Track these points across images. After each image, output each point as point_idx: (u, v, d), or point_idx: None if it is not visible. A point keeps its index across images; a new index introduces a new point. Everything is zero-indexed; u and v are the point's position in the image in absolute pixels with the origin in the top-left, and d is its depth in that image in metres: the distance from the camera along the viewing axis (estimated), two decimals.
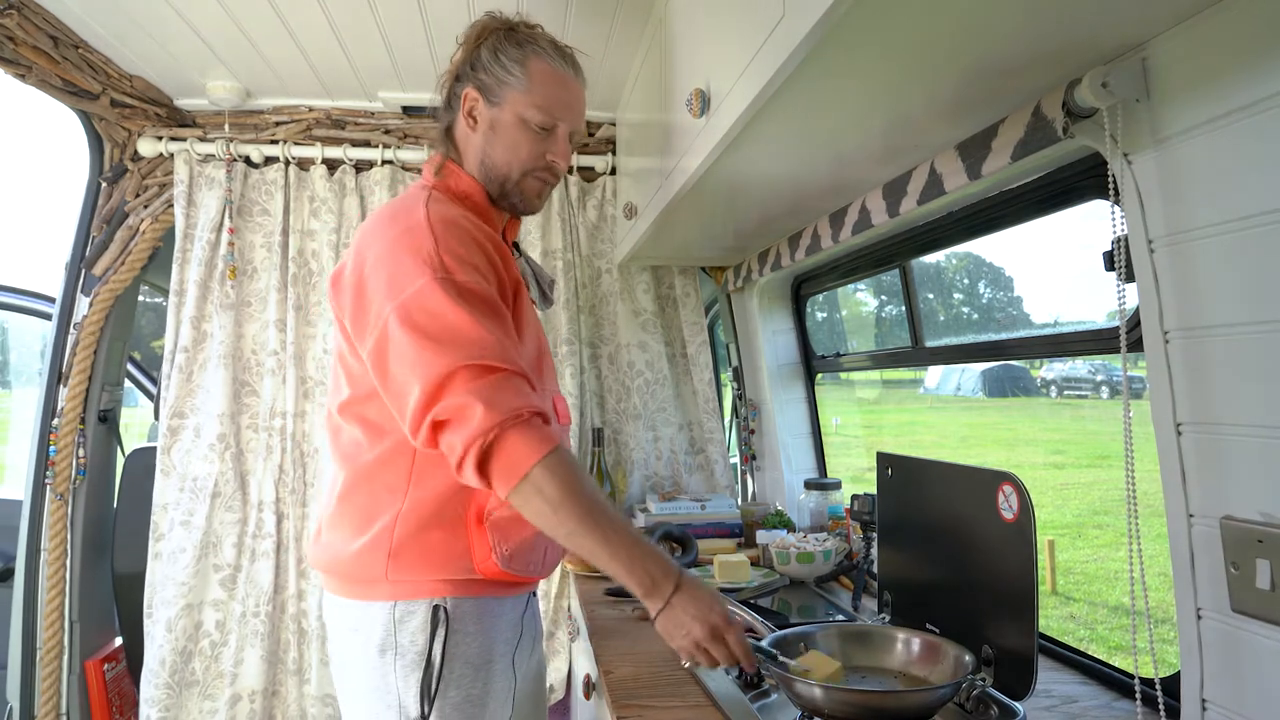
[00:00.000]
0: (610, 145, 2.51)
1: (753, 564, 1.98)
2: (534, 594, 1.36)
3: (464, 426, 1.01)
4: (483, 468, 1.02)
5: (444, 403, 1.01)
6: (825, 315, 3.52)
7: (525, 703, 1.31)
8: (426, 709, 1.13)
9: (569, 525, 1.03)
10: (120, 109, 2.20)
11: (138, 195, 2.32)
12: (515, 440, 1.01)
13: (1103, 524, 7.45)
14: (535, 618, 1.36)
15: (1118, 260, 0.97)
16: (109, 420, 2.37)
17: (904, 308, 1.95)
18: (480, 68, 1.25)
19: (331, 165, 2.40)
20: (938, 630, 1.30)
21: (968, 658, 1.11)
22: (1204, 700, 0.91)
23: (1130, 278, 0.97)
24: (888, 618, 1.49)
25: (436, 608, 1.15)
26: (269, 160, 2.38)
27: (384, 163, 2.38)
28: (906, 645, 1.22)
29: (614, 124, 2.48)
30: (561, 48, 1.28)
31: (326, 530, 1.23)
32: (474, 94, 1.25)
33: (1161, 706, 0.93)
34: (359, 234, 1.19)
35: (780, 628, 1.26)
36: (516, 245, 1.38)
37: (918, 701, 1.06)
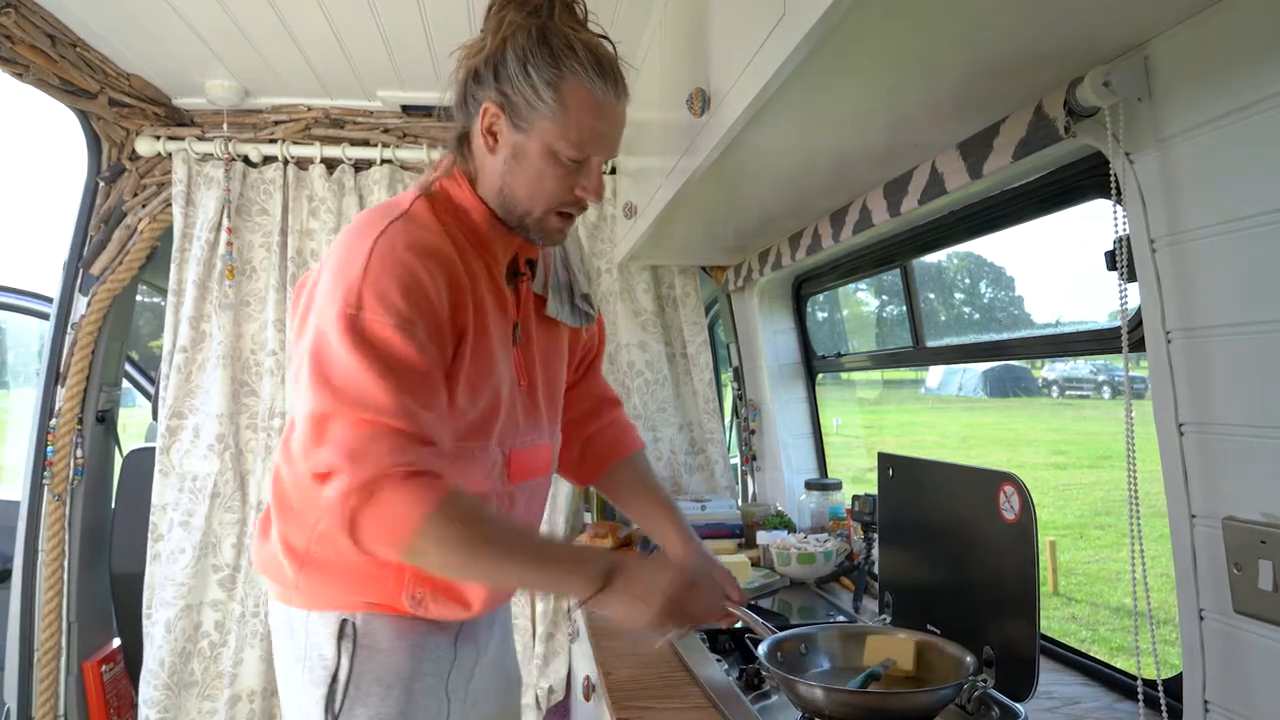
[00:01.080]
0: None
1: (753, 565, 1.97)
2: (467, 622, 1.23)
3: (336, 484, 0.93)
4: (353, 534, 0.94)
5: (317, 453, 0.94)
6: (826, 315, 3.51)
7: None
8: None
9: (484, 568, 0.97)
10: (118, 108, 2.19)
11: (136, 195, 2.32)
12: (389, 501, 0.92)
13: (1104, 525, 7.44)
14: (481, 637, 1.24)
15: (1119, 260, 0.97)
16: (107, 420, 2.36)
17: (905, 307, 1.94)
18: (505, 79, 1.05)
19: (330, 165, 2.39)
20: (939, 631, 1.29)
21: (968, 659, 1.11)
22: (1206, 701, 0.90)
23: (1132, 277, 0.96)
24: (889, 618, 1.48)
25: (344, 622, 1.10)
26: (267, 160, 2.37)
27: (383, 162, 2.38)
28: (905, 645, 1.20)
29: None
30: (604, 61, 1.07)
31: (259, 527, 1.22)
32: (496, 110, 1.06)
33: (1164, 708, 0.93)
34: (335, 239, 1.11)
35: (780, 629, 1.25)
36: (531, 264, 1.21)
37: (919, 702, 1.06)
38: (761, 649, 1.18)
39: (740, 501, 2.63)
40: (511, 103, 1.05)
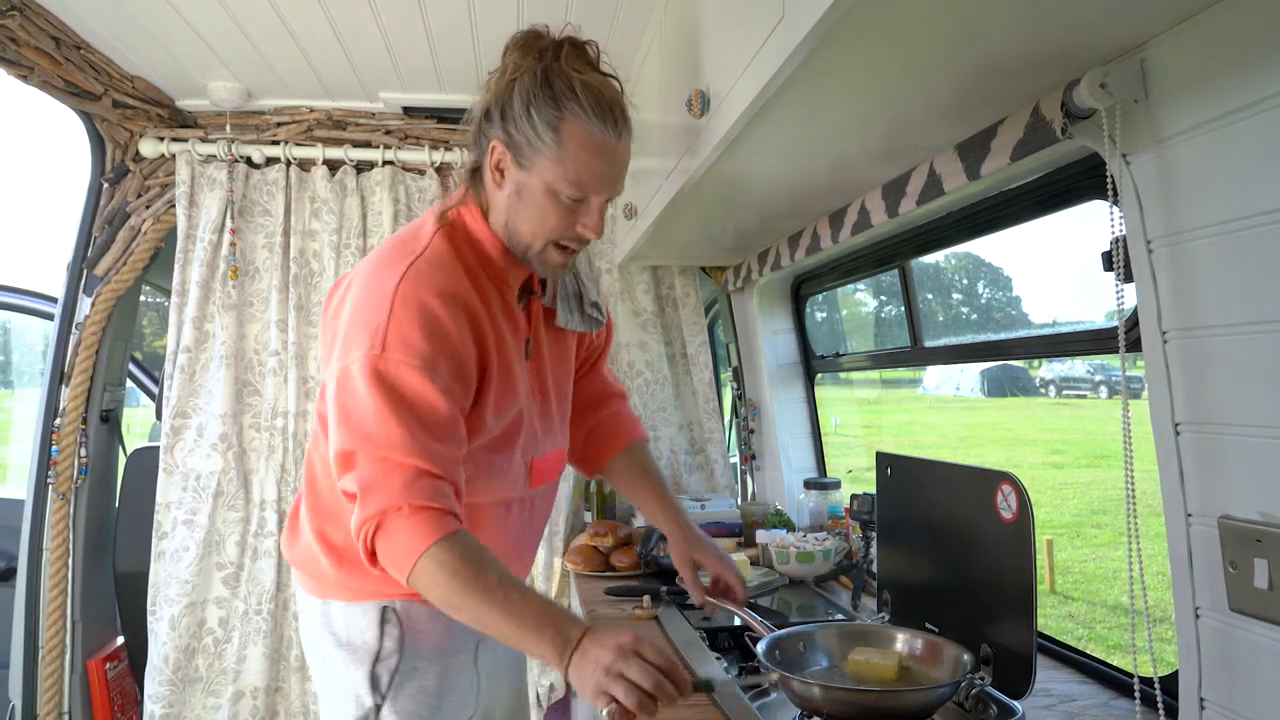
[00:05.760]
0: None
1: (752, 563, 1.98)
2: None
3: (356, 511, 1.01)
4: (373, 557, 1.02)
5: (343, 480, 1.03)
6: (825, 315, 3.52)
7: (502, 701, 1.32)
8: (379, 700, 1.17)
9: (468, 611, 1.00)
10: (122, 110, 2.20)
11: (139, 196, 2.32)
12: (397, 531, 0.99)
13: (1101, 524, 7.45)
14: None
15: (1116, 260, 0.97)
16: (111, 420, 2.37)
17: (903, 308, 1.95)
18: (510, 120, 1.09)
19: (333, 166, 2.40)
20: (937, 630, 1.30)
21: (966, 656, 1.11)
22: (1202, 699, 0.91)
23: (1129, 278, 0.97)
24: (887, 617, 1.49)
25: (385, 609, 1.18)
26: (270, 161, 2.38)
27: (385, 163, 2.39)
28: (906, 645, 1.21)
29: None
30: (605, 102, 1.09)
31: (290, 522, 1.28)
32: (501, 148, 1.11)
33: (1160, 705, 0.93)
34: (349, 274, 1.17)
35: (779, 627, 1.26)
36: (543, 282, 1.27)
37: (917, 701, 1.07)
38: (760, 647, 1.19)
39: (740, 500, 2.63)
40: (515, 142, 1.09)
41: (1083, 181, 1.23)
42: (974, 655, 1.13)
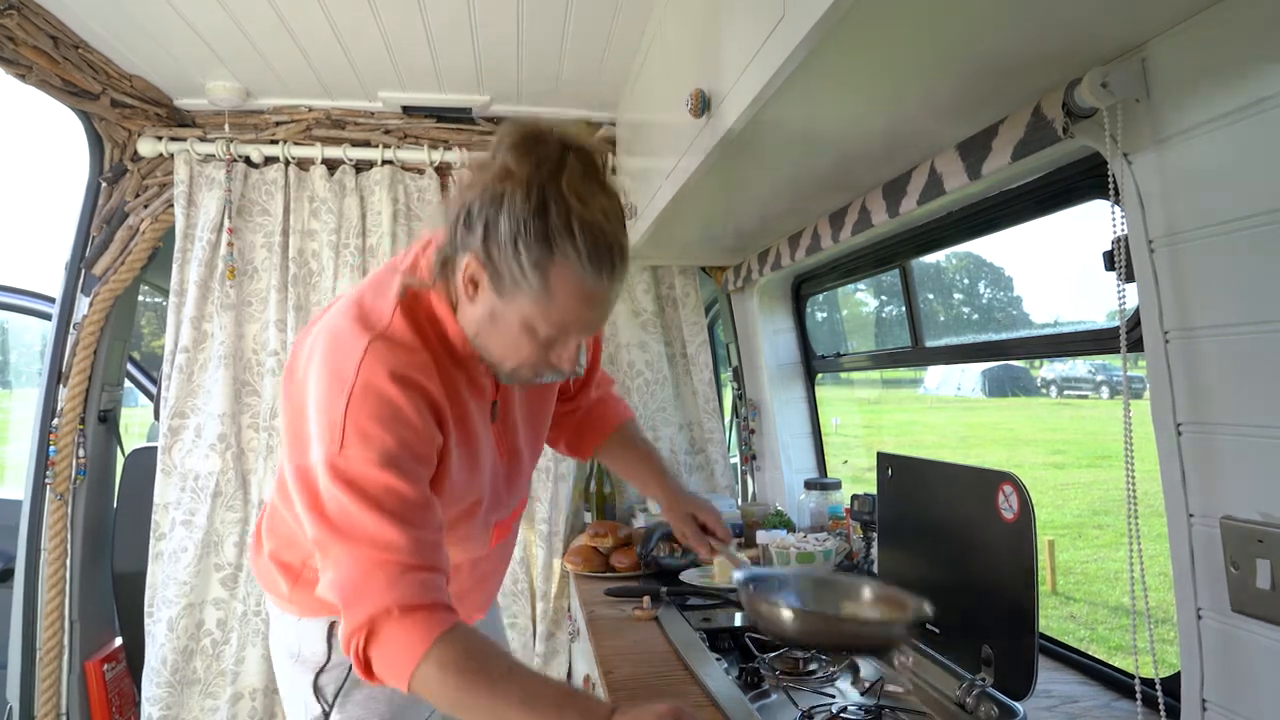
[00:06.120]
0: (610, 145, 2.51)
1: (753, 564, 1.97)
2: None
3: (343, 622, 0.95)
4: (367, 670, 0.95)
5: (323, 577, 0.97)
6: (825, 315, 3.52)
7: None
8: (327, 708, 1.20)
9: (481, 709, 0.92)
10: (120, 109, 2.20)
11: (138, 195, 2.32)
12: (390, 639, 0.92)
13: (1103, 524, 7.45)
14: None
15: (1118, 260, 0.97)
16: (109, 420, 2.37)
17: (904, 308, 1.95)
18: (493, 242, 0.95)
19: (331, 165, 2.40)
20: (938, 630, 1.30)
21: (926, 606, 1.17)
22: (1204, 700, 0.91)
23: (1130, 278, 0.97)
24: None
25: (334, 623, 1.19)
26: (269, 160, 2.38)
27: (384, 163, 2.38)
28: (870, 593, 1.29)
29: (614, 124, 2.48)
30: (602, 246, 0.94)
31: (254, 536, 1.33)
32: (478, 267, 0.97)
33: (1162, 706, 0.93)
34: (311, 336, 1.08)
35: None
36: None
37: (869, 633, 1.18)
38: (737, 575, 1.29)
39: (740, 501, 2.63)
40: (496, 269, 0.96)
41: (1084, 181, 1.23)
42: (932, 613, 1.17)
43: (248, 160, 2.36)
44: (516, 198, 0.93)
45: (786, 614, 1.14)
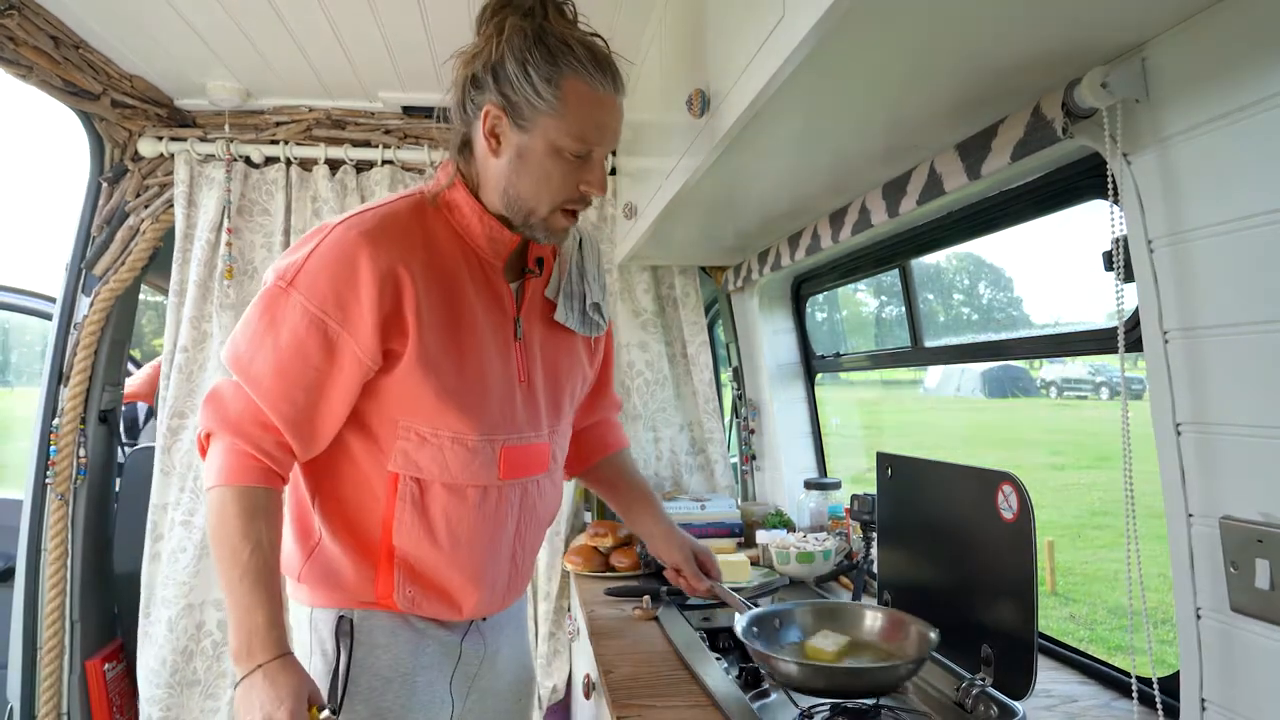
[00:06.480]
0: None
1: (753, 564, 1.98)
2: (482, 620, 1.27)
3: (201, 410, 1.08)
4: (204, 453, 1.09)
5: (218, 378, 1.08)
6: (825, 315, 3.51)
7: None
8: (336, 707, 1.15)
9: (216, 563, 1.04)
10: (121, 109, 2.20)
11: (138, 195, 2.32)
12: (216, 454, 1.05)
13: (1102, 525, 7.44)
14: (489, 638, 1.28)
15: (1117, 260, 0.97)
16: (110, 420, 2.37)
17: (904, 308, 1.95)
18: (505, 81, 1.06)
19: (332, 165, 2.40)
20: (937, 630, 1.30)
21: (932, 634, 1.16)
22: (1203, 700, 0.91)
23: (1129, 278, 0.97)
24: None
25: (342, 618, 1.15)
26: (269, 160, 2.38)
27: (384, 163, 2.38)
28: (874, 621, 1.30)
29: None
30: (600, 56, 1.09)
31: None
32: (498, 112, 1.08)
33: (1160, 706, 0.93)
34: None
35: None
36: (540, 262, 1.24)
37: (877, 677, 1.15)
38: (739, 623, 1.27)
39: (740, 501, 2.63)
40: (513, 104, 1.07)
41: (1083, 181, 1.23)
42: (939, 632, 1.18)
43: (248, 160, 2.36)
44: (516, 40, 1.07)
45: (792, 669, 1.15)
